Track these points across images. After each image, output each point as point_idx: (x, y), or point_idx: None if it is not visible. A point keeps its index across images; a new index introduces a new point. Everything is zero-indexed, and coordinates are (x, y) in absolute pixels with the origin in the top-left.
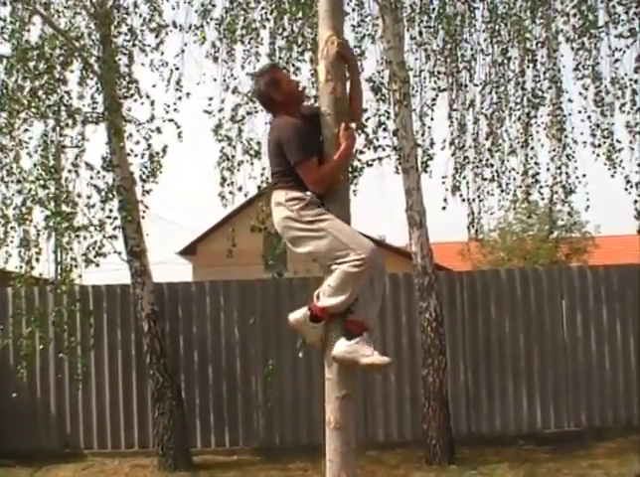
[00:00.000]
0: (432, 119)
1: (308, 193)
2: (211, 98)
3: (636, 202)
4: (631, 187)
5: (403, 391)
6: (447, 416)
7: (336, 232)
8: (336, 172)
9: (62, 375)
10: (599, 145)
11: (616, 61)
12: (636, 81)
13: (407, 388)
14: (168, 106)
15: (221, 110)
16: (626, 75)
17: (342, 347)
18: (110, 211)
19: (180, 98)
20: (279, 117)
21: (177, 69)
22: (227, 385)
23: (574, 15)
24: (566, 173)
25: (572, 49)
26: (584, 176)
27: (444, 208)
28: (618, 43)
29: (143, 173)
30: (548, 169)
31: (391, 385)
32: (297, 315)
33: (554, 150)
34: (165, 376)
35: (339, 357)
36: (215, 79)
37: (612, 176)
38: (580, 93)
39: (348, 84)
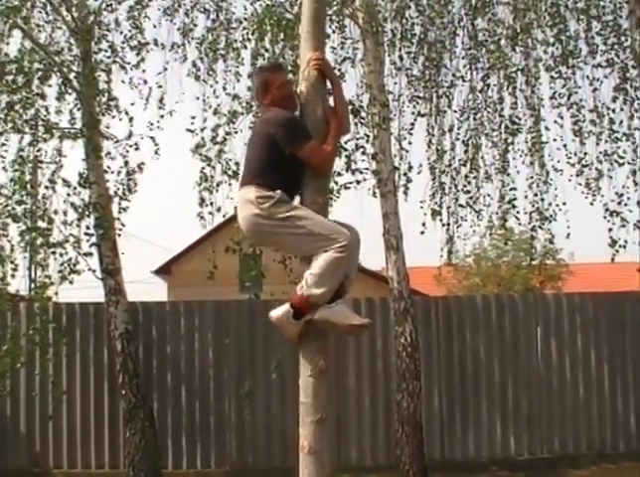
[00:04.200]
0: (410, 144)
1: (278, 191)
2: (193, 117)
3: (610, 230)
4: (610, 215)
5: (377, 415)
6: (421, 442)
7: (312, 225)
8: (335, 149)
9: (35, 393)
10: (579, 174)
11: (594, 90)
12: (614, 111)
13: (381, 412)
14: (151, 124)
15: (203, 129)
16: (604, 104)
17: (322, 310)
18: (87, 228)
19: (162, 116)
20: (269, 110)
21: (160, 87)
22: (199, 406)
23: (553, 44)
24: (542, 199)
25: (552, 77)
26: (565, 204)
27: (423, 232)
28: (597, 72)
29: (119, 190)
30: (526, 196)
31: (365, 409)
32: (279, 312)
33: (531, 177)
34: (138, 396)
35: (320, 320)
36: (197, 98)
37: (591, 203)
38: (555, 121)
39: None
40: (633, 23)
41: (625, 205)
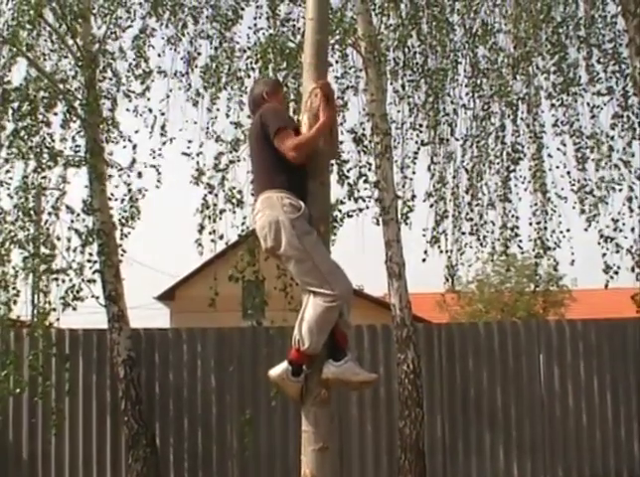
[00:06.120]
0: (415, 173)
1: (302, 203)
2: (190, 141)
3: (604, 255)
4: (605, 241)
5: (380, 442)
6: (424, 469)
7: (318, 259)
8: (313, 141)
9: (35, 419)
10: (581, 200)
11: (593, 116)
12: (612, 138)
13: (384, 440)
14: (153, 151)
15: (199, 154)
16: (602, 131)
17: (332, 368)
18: (90, 254)
19: (165, 143)
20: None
21: (162, 114)
22: (202, 433)
23: (554, 72)
24: (545, 227)
25: (553, 105)
26: (568, 231)
27: (424, 260)
28: (597, 100)
29: (122, 217)
30: (530, 223)
31: (367, 436)
32: (278, 371)
33: (535, 204)
34: (140, 422)
35: (332, 378)
36: (195, 123)
37: (586, 230)
38: (559, 149)
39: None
40: (633, 51)
41: (620, 231)
